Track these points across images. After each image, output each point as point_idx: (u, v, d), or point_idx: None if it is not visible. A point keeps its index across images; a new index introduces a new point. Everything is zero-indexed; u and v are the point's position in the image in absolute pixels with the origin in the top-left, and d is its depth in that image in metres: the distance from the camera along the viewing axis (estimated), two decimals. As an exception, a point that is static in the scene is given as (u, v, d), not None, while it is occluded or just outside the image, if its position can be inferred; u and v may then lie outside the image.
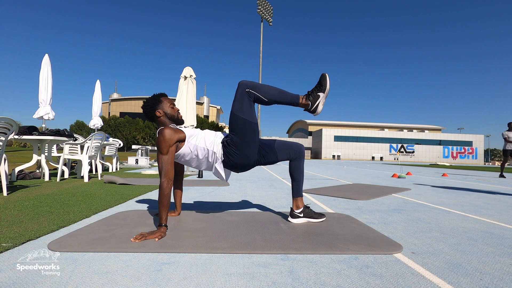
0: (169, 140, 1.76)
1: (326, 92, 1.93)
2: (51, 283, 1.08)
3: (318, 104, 1.92)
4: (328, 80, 1.93)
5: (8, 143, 27.74)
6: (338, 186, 4.70)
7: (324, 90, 1.93)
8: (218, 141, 1.91)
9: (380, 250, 1.49)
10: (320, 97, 1.92)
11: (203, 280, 1.12)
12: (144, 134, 51.64)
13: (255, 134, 1.88)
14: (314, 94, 1.93)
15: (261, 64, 43.90)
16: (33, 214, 2.15)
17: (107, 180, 4.32)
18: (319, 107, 1.93)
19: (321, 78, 1.95)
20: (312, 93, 1.93)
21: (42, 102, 5.89)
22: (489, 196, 3.94)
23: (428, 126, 73.50)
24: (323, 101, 1.93)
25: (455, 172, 11.29)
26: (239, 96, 1.83)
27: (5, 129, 3.09)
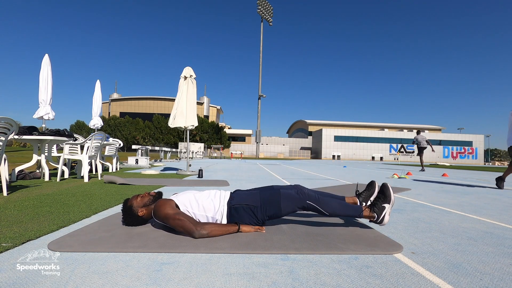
0: (168, 202, 1.75)
1: (392, 203, 1.88)
2: (51, 283, 1.08)
3: (384, 215, 1.86)
4: (391, 191, 1.90)
5: (8, 143, 27.76)
6: (338, 186, 4.70)
7: (389, 201, 1.88)
8: (220, 205, 1.80)
9: (380, 250, 1.49)
10: (385, 208, 1.87)
11: (203, 280, 1.12)
12: (144, 134, 51.64)
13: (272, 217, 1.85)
14: (379, 206, 1.88)
15: (261, 64, 43.77)
16: (33, 214, 2.15)
17: (107, 180, 4.32)
18: (385, 218, 1.86)
19: (384, 189, 1.91)
20: (376, 205, 1.88)
21: (42, 102, 5.89)
22: (489, 196, 3.94)
23: (428, 126, 73.49)
24: (389, 211, 1.88)
25: (455, 172, 11.29)
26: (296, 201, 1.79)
27: (5, 129, 3.09)
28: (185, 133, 7.92)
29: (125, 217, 1.83)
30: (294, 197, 1.81)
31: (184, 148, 28.83)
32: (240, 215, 1.78)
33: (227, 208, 1.79)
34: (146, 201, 1.84)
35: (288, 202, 1.80)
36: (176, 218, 1.64)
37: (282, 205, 1.79)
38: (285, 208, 1.80)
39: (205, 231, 1.61)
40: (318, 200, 1.80)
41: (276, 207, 1.79)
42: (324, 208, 1.79)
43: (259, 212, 1.79)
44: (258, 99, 48.54)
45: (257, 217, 1.79)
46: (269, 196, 1.82)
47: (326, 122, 73.73)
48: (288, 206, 1.80)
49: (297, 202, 1.80)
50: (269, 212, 1.80)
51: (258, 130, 47.92)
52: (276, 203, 1.79)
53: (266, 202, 1.80)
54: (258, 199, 1.81)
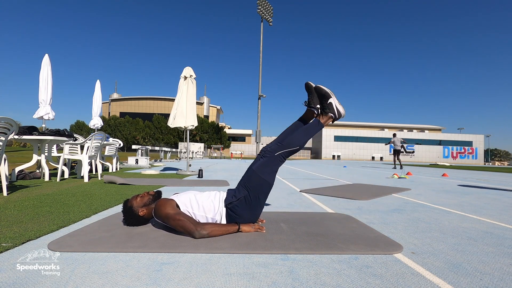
0: (168, 201, 1.75)
1: (333, 95, 1.94)
2: (51, 283, 1.08)
3: (336, 108, 1.93)
4: (324, 88, 1.95)
5: (8, 143, 27.77)
6: (338, 186, 4.70)
7: (330, 95, 1.94)
8: (219, 206, 1.81)
9: (380, 250, 1.49)
10: (332, 103, 1.93)
11: (203, 280, 1.12)
12: (144, 134, 51.63)
13: (267, 194, 1.87)
14: (326, 106, 1.93)
15: (261, 64, 43.74)
16: (33, 214, 2.15)
17: (107, 180, 4.32)
18: (340, 109, 1.94)
19: (318, 90, 1.97)
20: (325, 107, 1.94)
21: (42, 102, 5.89)
22: (489, 196, 3.94)
23: (428, 126, 73.51)
24: (337, 102, 1.94)
25: (455, 172, 11.30)
26: (270, 162, 1.83)
27: (5, 129, 3.09)
28: (185, 133, 7.92)
29: (126, 217, 1.83)
30: (265, 162, 1.85)
31: (184, 148, 28.83)
32: (237, 212, 1.78)
33: (225, 209, 1.80)
34: (146, 201, 1.84)
35: (265, 170, 1.83)
36: (177, 218, 1.64)
37: (263, 177, 1.81)
38: (267, 176, 1.82)
39: (205, 231, 1.61)
40: (282, 146, 1.86)
41: (260, 182, 1.81)
42: (292, 146, 1.86)
43: (251, 198, 1.78)
44: (258, 99, 48.48)
45: (252, 204, 1.79)
46: (248, 180, 1.83)
47: (326, 122, 73.60)
48: (267, 172, 1.83)
49: (270, 163, 1.85)
50: (259, 191, 1.80)
51: (258, 130, 47.81)
52: (257, 179, 1.81)
53: (250, 185, 1.81)
54: (243, 188, 1.82)
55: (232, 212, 1.78)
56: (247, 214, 1.80)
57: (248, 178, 1.84)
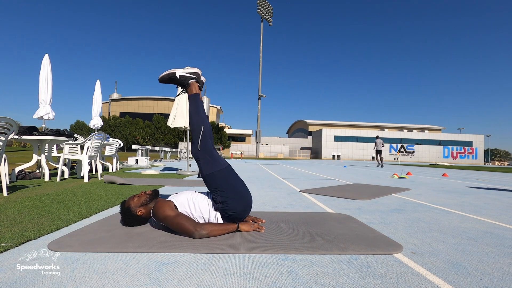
0: (167, 203, 1.75)
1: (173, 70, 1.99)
2: (51, 283, 1.08)
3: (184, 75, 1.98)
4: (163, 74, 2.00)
5: (8, 143, 27.76)
6: (338, 186, 4.70)
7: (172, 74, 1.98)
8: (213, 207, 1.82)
9: (380, 250, 1.49)
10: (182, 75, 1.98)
11: (203, 280, 1.12)
12: (144, 134, 51.63)
13: (234, 175, 1.86)
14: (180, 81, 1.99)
15: (261, 64, 43.76)
16: (33, 214, 2.15)
17: (107, 180, 4.32)
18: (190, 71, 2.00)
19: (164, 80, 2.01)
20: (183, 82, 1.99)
21: (42, 102, 5.89)
22: (489, 196, 3.94)
23: (428, 126, 73.48)
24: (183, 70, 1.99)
25: (455, 172, 11.30)
26: (205, 158, 1.83)
27: (5, 129, 3.09)
28: (185, 133, 7.91)
29: (124, 218, 1.83)
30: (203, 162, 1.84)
31: (184, 148, 28.82)
32: (229, 211, 1.76)
33: (217, 212, 1.80)
34: (143, 200, 1.84)
35: (209, 165, 1.82)
36: (175, 219, 1.64)
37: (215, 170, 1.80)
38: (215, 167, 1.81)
39: (204, 231, 1.61)
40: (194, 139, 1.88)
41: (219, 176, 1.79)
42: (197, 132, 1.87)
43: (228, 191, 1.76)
44: (258, 99, 48.51)
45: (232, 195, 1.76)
46: (211, 185, 1.82)
47: (326, 122, 73.72)
48: (212, 165, 1.82)
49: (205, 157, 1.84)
50: (225, 182, 1.78)
51: (258, 130, 47.90)
52: (214, 176, 1.80)
53: (216, 186, 1.79)
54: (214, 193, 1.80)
55: (224, 213, 1.78)
56: (237, 205, 1.76)
57: (209, 185, 1.82)
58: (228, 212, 1.77)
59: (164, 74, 1.98)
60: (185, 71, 1.99)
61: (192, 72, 2.00)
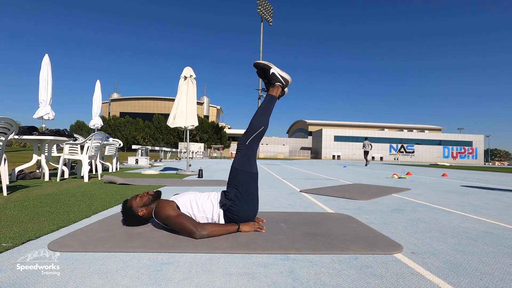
0: (169, 203, 1.75)
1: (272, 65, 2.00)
2: (51, 283, 1.08)
3: (280, 76, 1.98)
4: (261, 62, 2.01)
5: (8, 143, 27.75)
6: (338, 186, 4.70)
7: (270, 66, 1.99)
8: (218, 206, 1.81)
9: (380, 250, 1.49)
10: (275, 73, 1.98)
11: (203, 280, 1.12)
12: (144, 134, 51.61)
13: (257, 184, 1.86)
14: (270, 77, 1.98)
15: (261, 64, 43.23)
16: (33, 214, 2.15)
17: (107, 180, 4.32)
18: (284, 75, 1.99)
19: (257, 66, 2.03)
20: (270, 79, 1.99)
21: (42, 102, 5.89)
22: (489, 196, 3.94)
23: (428, 126, 73.48)
24: (279, 70, 1.99)
25: (455, 172, 11.29)
26: (245, 153, 1.84)
27: (5, 129, 3.09)
28: (185, 133, 7.92)
29: (125, 218, 1.83)
30: (241, 156, 1.85)
31: (184, 148, 28.83)
32: (234, 212, 1.77)
33: (221, 210, 1.80)
34: (145, 201, 1.84)
35: (244, 163, 1.83)
36: (177, 219, 1.65)
37: (246, 170, 1.81)
38: (248, 167, 1.82)
39: (205, 232, 1.61)
40: (248, 133, 1.88)
41: (244, 176, 1.80)
42: (256, 129, 1.88)
43: (242, 193, 1.77)
44: (258, 99, 48.48)
45: (246, 199, 1.77)
46: (233, 178, 1.82)
47: (326, 122, 73.70)
48: (248, 163, 1.83)
49: (246, 154, 1.85)
50: (246, 184, 1.79)
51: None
52: (241, 173, 1.80)
53: (236, 182, 1.80)
54: (231, 188, 1.81)
55: (228, 213, 1.78)
56: (243, 211, 1.78)
57: (232, 176, 1.83)
58: (232, 213, 1.77)
59: (262, 62, 2.01)
60: (280, 72, 2.00)
61: (285, 78, 2.01)
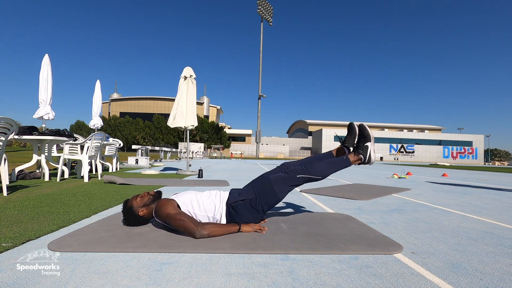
0: (169, 201, 1.75)
1: (372, 140, 1.99)
2: (51, 283, 1.08)
3: (369, 153, 1.97)
4: (368, 129, 2.00)
5: (8, 143, 27.76)
6: (338, 186, 4.70)
7: (370, 139, 1.99)
8: (220, 205, 1.80)
9: (380, 250, 1.49)
10: (368, 147, 1.97)
11: (203, 280, 1.12)
12: (144, 134, 51.61)
13: (272, 207, 1.88)
14: (362, 147, 1.98)
15: (261, 64, 43.68)
16: (33, 214, 2.15)
17: (107, 180, 4.32)
18: (372, 156, 1.98)
19: (362, 129, 2.01)
20: (359, 147, 1.99)
21: (42, 102, 5.89)
22: (489, 196, 3.94)
23: (428, 126, 73.47)
24: (373, 148, 1.98)
25: (455, 172, 11.29)
26: (288, 180, 1.84)
27: (5, 129, 3.09)
28: (185, 133, 7.92)
29: (126, 217, 1.83)
30: (284, 177, 1.85)
31: (184, 148, 28.84)
32: (239, 212, 1.78)
33: (226, 208, 1.79)
34: (146, 201, 1.84)
35: (281, 185, 1.83)
36: (177, 218, 1.64)
37: (276, 190, 1.81)
38: (280, 191, 1.82)
39: (205, 231, 1.61)
40: (306, 170, 1.86)
41: (271, 193, 1.81)
42: (315, 174, 1.87)
43: (257, 203, 1.79)
44: (258, 99, 48.54)
45: (256, 209, 1.79)
46: (261, 186, 1.83)
47: (326, 122, 73.68)
48: (282, 188, 1.83)
49: (289, 181, 1.85)
50: (266, 200, 1.80)
51: (258, 130, 47.93)
52: (270, 189, 1.81)
53: (260, 192, 1.81)
54: (252, 191, 1.82)
55: (233, 211, 1.78)
56: (248, 215, 1.80)
57: (260, 184, 1.84)
58: (236, 212, 1.78)
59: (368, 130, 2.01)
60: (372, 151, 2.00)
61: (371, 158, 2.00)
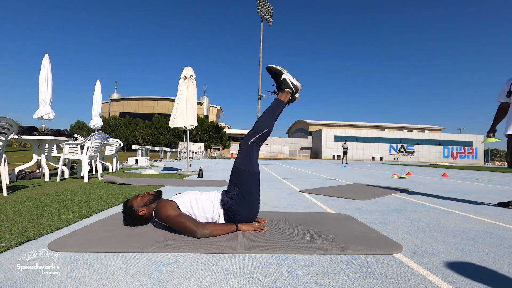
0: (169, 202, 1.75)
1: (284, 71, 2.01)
2: (51, 283, 1.08)
3: (290, 82, 2.00)
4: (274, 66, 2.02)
5: (8, 143, 27.75)
6: (338, 186, 4.70)
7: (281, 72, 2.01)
8: (218, 206, 1.81)
9: (380, 250, 1.49)
10: (286, 78, 2.00)
11: (203, 280, 1.12)
12: (144, 134, 51.59)
13: (258, 184, 1.87)
14: (281, 83, 2.00)
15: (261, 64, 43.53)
16: (33, 214, 2.15)
17: (107, 180, 4.32)
18: (295, 83, 2.01)
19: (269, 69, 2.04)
20: (280, 84, 2.01)
21: (42, 102, 5.89)
22: (489, 196, 3.94)
23: (428, 126, 73.46)
24: (291, 77, 2.01)
25: (455, 172, 11.30)
26: (247, 153, 1.84)
27: (5, 129, 3.09)
28: (185, 133, 7.92)
29: (126, 217, 1.83)
30: (244, 155, 1.85)
31: (184, 148, 28.83)
32: (234, 210, 1.77)
33: (222, 210, 1.80)
34: (146, 201, 1.84)
35: (246, 161, 1.83)
36: (178, 219, 1.65)
37: (247, 169, 1.82)
38: (250, 167, 1.83)
39: (206, 231, 1.62)
40: (253, 133, 1.88)
41: (246, 175, 1.81)
42: (261, 131, 1.88)
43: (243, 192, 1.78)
44: (258, 99, 48.50)
45: (245, 198, 1.78)
46: (235, 176, 1.83)
47: (326, 122, 73.68)
48: (249, 162, 1.83)
49: (248, 153, 1.85)
50: (247, 184, 1.80)
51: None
52: (243, 172, 1.81)
53: (238, 181, 1.80)
54: (232, 186, 1.82)
55: (229, 212, 1.78)
56: (244, 210, 1.79)
57: (234, 175, 1.84)
58: (232, 212, 1.78)
59: (275, 66, 2.04)
60: (291, 79, 2.02)
61: (295, 85, 2.02)
